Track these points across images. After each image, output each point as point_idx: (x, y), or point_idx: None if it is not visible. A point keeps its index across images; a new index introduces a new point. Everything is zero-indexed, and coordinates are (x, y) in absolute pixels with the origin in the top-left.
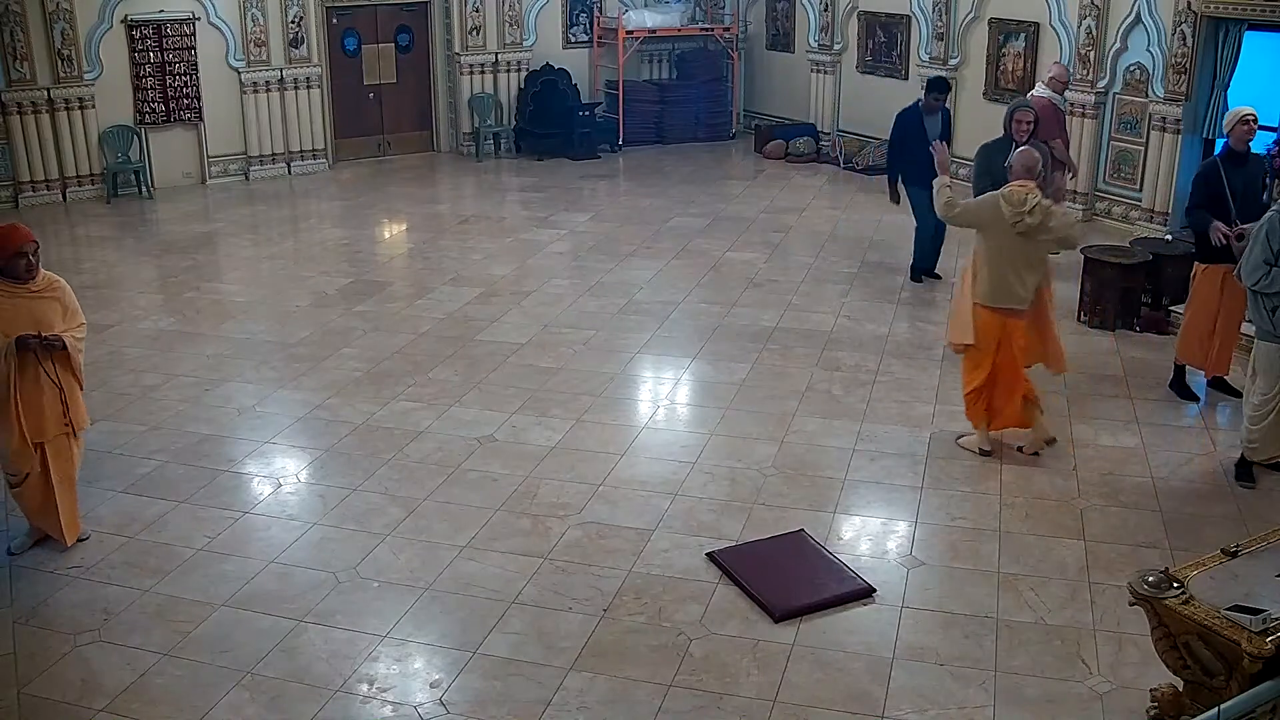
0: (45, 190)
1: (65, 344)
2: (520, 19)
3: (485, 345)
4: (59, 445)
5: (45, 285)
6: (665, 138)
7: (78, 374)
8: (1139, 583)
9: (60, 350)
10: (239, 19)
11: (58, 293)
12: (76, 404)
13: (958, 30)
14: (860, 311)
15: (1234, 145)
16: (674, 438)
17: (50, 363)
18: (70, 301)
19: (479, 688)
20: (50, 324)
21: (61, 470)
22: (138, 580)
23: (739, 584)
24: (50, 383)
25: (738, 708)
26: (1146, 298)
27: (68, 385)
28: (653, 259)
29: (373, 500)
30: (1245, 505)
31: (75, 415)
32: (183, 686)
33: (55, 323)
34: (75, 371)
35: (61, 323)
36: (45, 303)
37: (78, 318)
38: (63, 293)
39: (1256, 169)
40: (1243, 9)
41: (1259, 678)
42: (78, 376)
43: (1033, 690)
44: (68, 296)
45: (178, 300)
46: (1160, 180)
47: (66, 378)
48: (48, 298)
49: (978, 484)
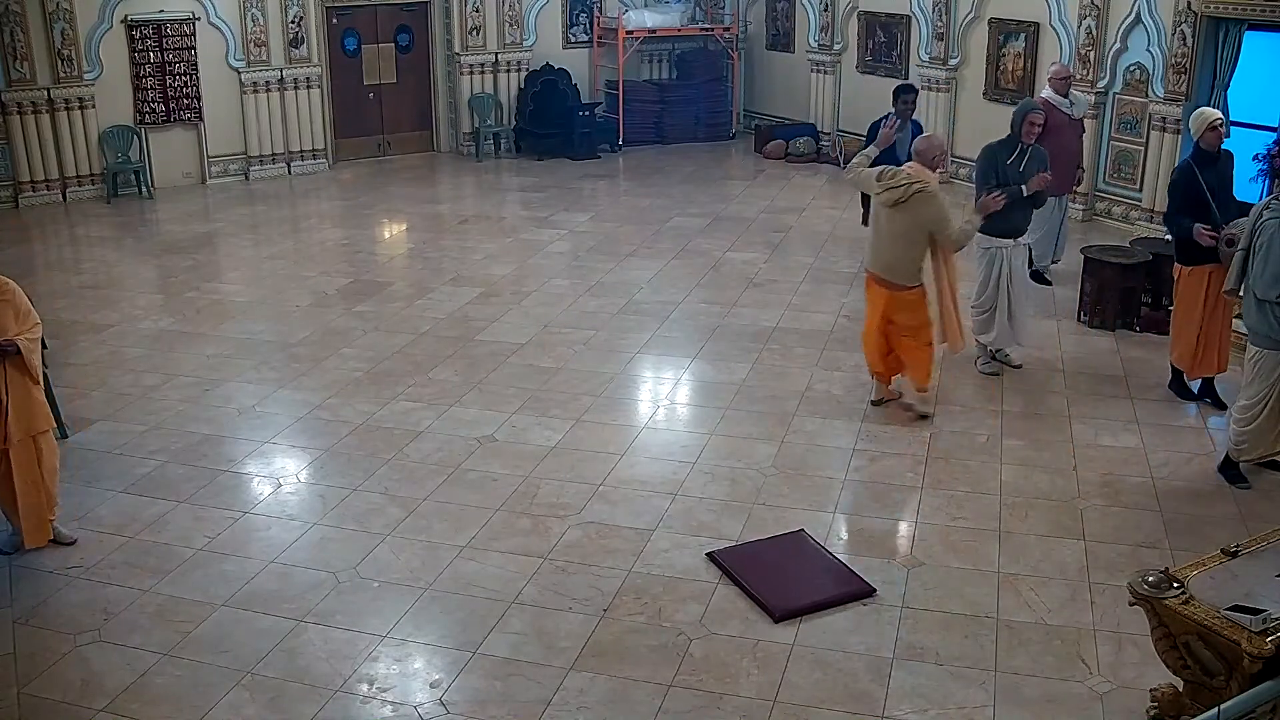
0: (45, 190)
1: (19, 348)
2: (520, 19)
3: (485, 345)
4: (23, 449)
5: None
6: (665, 138)
7: (34, 374)
8: (1139, 583)
9: (15, 355)
10: (239, 19)
11: (8, 295)
12: (33, 406)
13: (958, 30)
14: (860, 311)
15: (1204, 148)
16: (674, 438)
17: (2, 368)
18: (21, 303)
19: (479, 688)
20: (4, 328)
21: (25, 475)
22: (138, 580)
23: (739, 584)
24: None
25: (738, 708)
26: (1146, 298)
27: (22, 389)
28: (653, 259)
29: (373, 500)
30: (1245, 505)
31: (33, 419)
32: (183, 686)
33: (9, 326)
34: (31, 372)
35: (15, 325)
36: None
37: (30, 318)
38: (14, 295)
39: (1227, 165)
40: (1243, 9)
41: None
42: (35, 378)
43: (1033, 690)
44: (18, 298)
45: (178, 300)
46: (1160, 180)
47: (20, 381)
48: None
49: (978, 484)
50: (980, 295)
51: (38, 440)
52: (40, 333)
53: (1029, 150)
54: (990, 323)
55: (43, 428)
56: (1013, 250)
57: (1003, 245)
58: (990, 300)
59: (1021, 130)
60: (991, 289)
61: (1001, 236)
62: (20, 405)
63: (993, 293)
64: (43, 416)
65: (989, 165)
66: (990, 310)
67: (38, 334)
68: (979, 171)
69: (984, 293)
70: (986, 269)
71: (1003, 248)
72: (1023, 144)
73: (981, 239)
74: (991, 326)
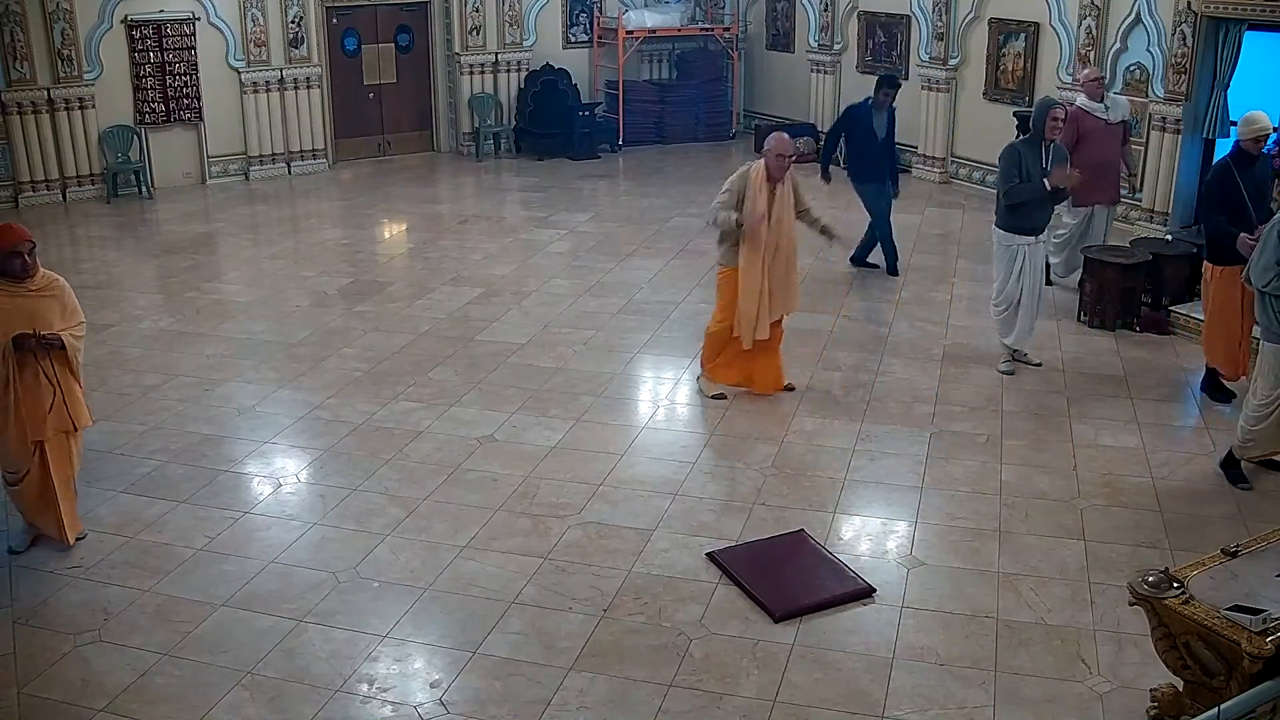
0: (45, 190)
1: (64, 343)
2: (520, 19)
3: (485, 345)
4: (58, 444)
5: (44, 284)
6: (665, 138)
7: (76, 373)
8: (1139, 583)
9: (59, 349)
10: (239, 19)
11: (56, 291)
12: (76, 403)
13: (958, 30)
14: (860, 311)
15: (1245, 148)
16: (674, 438)
17: (49, 362)
18: (69, 300)
19: (479, 688)
20: (49, 323)
21: (60, 470)
22: (138, 580)
23: (739, 584)
24: (48, 382)
25: (738, 708)
26: (1146, 298)
27: (66, 384)
28: (653, 259)
29: (373, 500)
30: (1245, 505)
31: (75, 414)
32: (183, 686)
33: (54, 321)
34: (74, 370)
35: (60, 321)
36: (44, 301)
37: (77, 316)
38: (62, 291)
39: (1264, 168)
40: (1243, 9)
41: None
42: (76, 375)
43: (1033, 690)
44: (67, 295)
45: (178, 300)
46: (1160, 180)
47: (65, 377)
48: (47, 297)
49: (978, 484)
50: (1000, 293)
51: (71, 436)
52: (84, 331)
53: (1051, 148)
54: (1011, 323)
55: (85, 422)
56: (1033, 248)
57: (1024, 243)
58: (1010, 298)
59: (1045, 128)
60: (1011, 285)
61: (1022, 234)
62: (65, 400)
63: (1013, 289)
64: (84, 412)
65: (1011, 165)
66: (1010, 308)
67: (82, 331)
68: (1002, 171)
69: (1003, 290)
70: (1006, 267)
71: (1024, 245)
72: (1045, 142)
73: (1002, 236)
74: (1012, 327)
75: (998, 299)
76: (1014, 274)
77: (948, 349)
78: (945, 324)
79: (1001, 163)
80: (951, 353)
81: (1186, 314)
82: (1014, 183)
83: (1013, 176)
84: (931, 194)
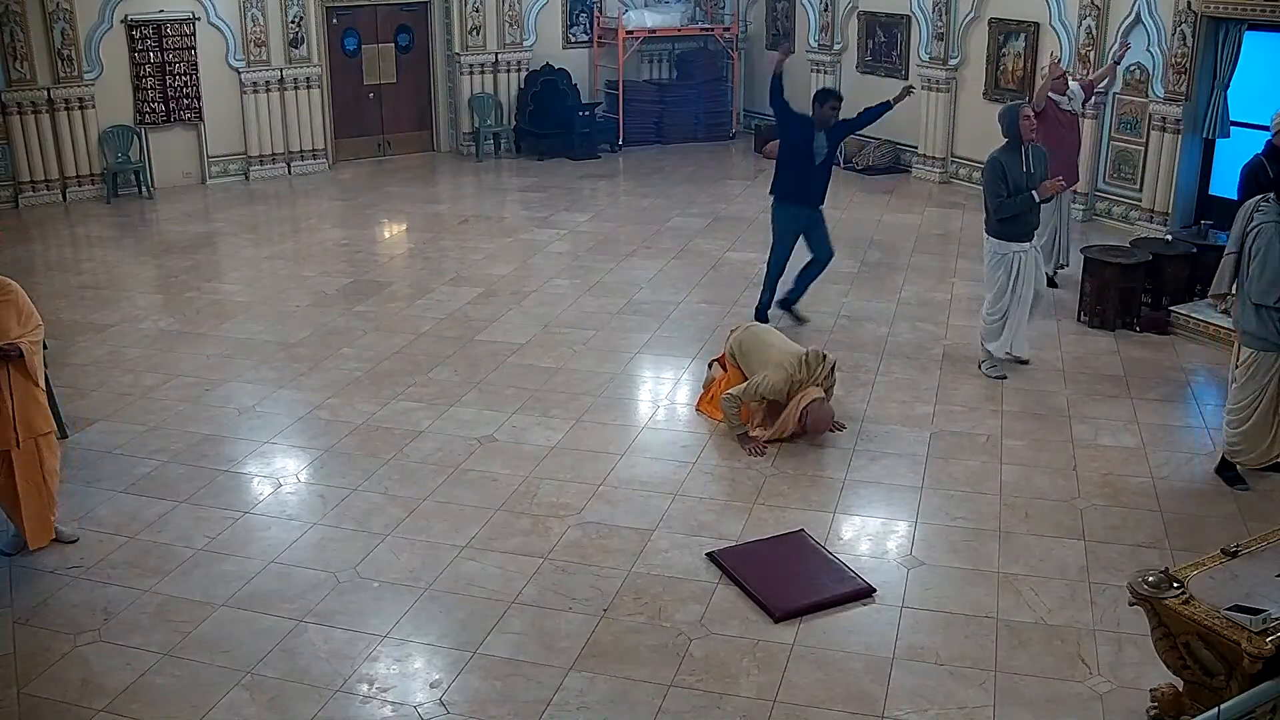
0: (45, 190)
1: (21, 351)
2: (520, 19)
3: (485, 345)
4: (24, 450)
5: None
6: (665, 138)
7: (35, 377)
8: (1139, 583)
9: (17, 359)
10: (239, 19)
11: (11, 296)
12: (35, 408)
13: (958, 30)
14: (860, 311)
15: (1278, 144)
16: (674, 438)
17: (4, 371)
18: (24, 304)
19: (479, 688)
20: (6, 330)
21: (27, 477)
22: (138, 580)
23: (739, 584)
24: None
25: (738, 708)
26: (1146, 298)
27: (24, 391)
28: (653, 259)
29: (373, 500)
30: (1245, 505)
31: (34, 420)
32: (183, 686)
33: (11, 328)
34: (33, 375)
35: (18, 327)
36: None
37: (33, 320)
38: (16, 295)
39: None
40: (1243, 9)
41: (1259, 678)
42: (36, 380)
43: (1033, 690)
44: (20, 299)
45: (178, 300)
46: (1160, 180)
47: (23, 384)
48: (2, 302)
49: (978, 484)
50: (995, 303)
51: (39, 442)
52: (42, 334)
53: (1030, 150)
54: (1000, 331)
55: (44, 429)
56: (1027, 255)
57: (1019, 250)
58: (1005, 307)
59: (1020, 131)
60: (1007, 296)
61: (1014, 241)
62: (23, 407)
63: (1008, 299)
64: (44, 418)
65: (996, 175)
66: (1004, 318)
67: (39, 335)
68: (987, 182)
69: (999, 300)
70: (1003, 276)
71: (1018, 253)
72: (1024, 145)
73: (996, 245)
74: (1000, 335)
75: (992, 308)
76: (1009, 283)
77: (948, 349)
78: (945, 324)
79: (985, 178)
80: (951, 353)
81: (1186, 314)
82: (1002, 197)
83: (1000, 190)
84: (931, 194)
